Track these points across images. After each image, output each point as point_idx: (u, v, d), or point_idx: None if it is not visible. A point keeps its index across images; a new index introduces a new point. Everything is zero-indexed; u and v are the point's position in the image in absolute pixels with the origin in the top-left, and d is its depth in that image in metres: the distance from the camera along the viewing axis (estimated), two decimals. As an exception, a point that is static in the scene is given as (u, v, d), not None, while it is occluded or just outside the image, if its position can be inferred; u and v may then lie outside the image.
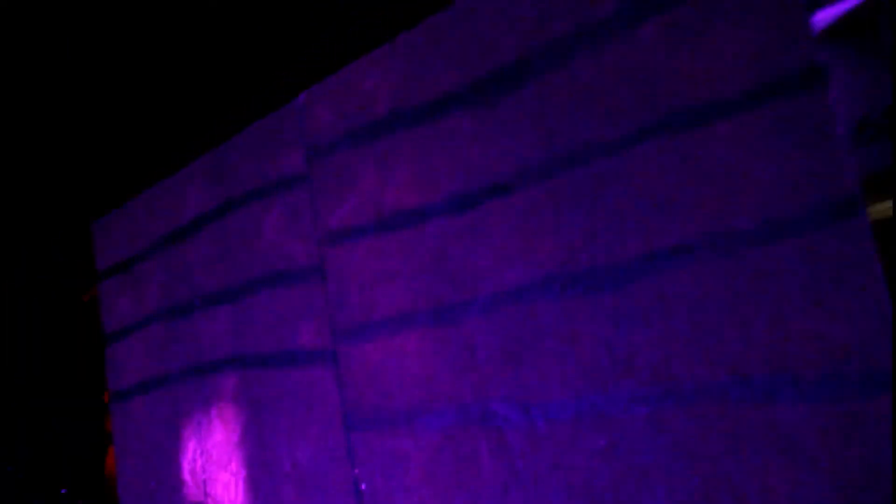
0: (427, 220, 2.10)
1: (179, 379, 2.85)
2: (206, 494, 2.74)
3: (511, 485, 1.93)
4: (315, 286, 2.37)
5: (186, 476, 2.82)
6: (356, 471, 2.25)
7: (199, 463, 2.77)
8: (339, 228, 2.30)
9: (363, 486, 2.23)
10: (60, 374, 3.70)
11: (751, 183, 1.59)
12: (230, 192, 2.65)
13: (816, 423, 1.45)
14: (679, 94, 1.69)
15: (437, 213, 2.08)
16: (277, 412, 2.48)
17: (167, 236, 2.91)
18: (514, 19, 1.96)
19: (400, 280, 2.16)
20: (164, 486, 2.91)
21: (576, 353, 1.82)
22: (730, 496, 1.57)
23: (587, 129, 1.82)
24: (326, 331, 2.34)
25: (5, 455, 3.73)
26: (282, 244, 2.47)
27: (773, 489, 1.48)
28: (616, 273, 1.76)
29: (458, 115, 2.05)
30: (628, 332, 1.74)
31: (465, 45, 2.05)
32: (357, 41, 2.29)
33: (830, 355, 1.46)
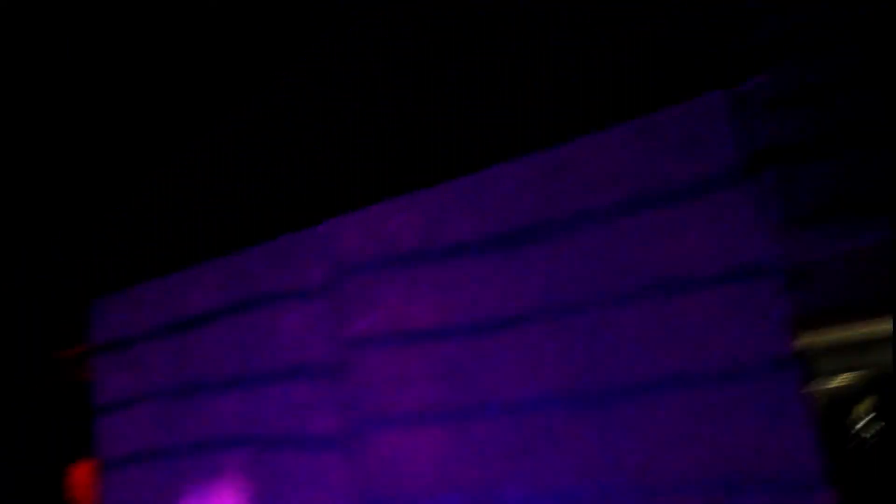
0: (446, 339, 2.64)
1: (181, 452, 3.21)
2: (207, 558, 3.11)
3: (509, 556, 2.48)
4: (333, 382, 2.84)
5: (186, 541, 3.17)
6: (367, 542, 2.72)
7: (200, 530, 3.13)
8: (362, 336, 2.80)
9: (373, 555, 2.71)
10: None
11: (717, 338, 2.25)
12: (246, 294, 3.07)
13: (752, 521, 2.11)
14: (666, 268, 2.34)
15: (455, 334, 2.62)
16: (287, 489, 2.92)
17: (173, 324, 3.27)
18: (527, 195, 2.56)
19: (418, 384, 2.68)
20: (159, 549, 3.24)
21: (574, 453, 2.41)
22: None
23: (589, 285, 2.43)
24: (342, 421, 2.82)
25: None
26: (301, 344, 2.92)
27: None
28: (610, 395, 2.38)
29: (476, 259, 2.62)
30: (618, 439, 2.35)
31: (483, 206, 2.62)
32: (383, 187, 2.81)
33: (772, 463, 2.13)
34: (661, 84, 2.37)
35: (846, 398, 3.48)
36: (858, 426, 3.52)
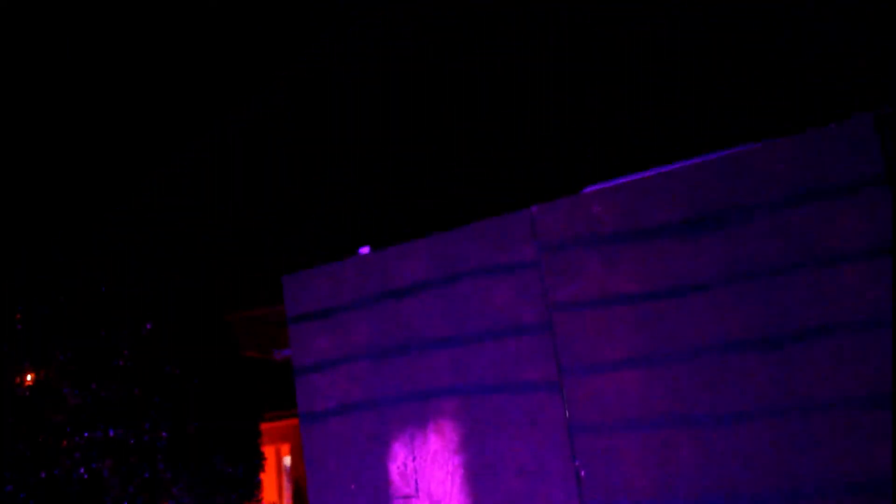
0: (643, 302, 3.53)
1: (389, 403, 3.96)
2: (416, 490, 3.86)
3: (703, 463, 3.38)
4: (542, 338, 3.68)
5: (395, 477, 3.92)
6: (577, 463, 3.57)
7: (410, 466, 3.89)
8: (567, 300, 3.65)
9: (583, 473, 3.55)
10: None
11: (859, 296, 3.22)
12: (457, 268, 3.87)
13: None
14: (818, 246, 3.30)
15: (652, 298, 3.51)
16: (499, 426, 3.73)
17: (380, 294, 4.03)
18: (710, 188, 3.48)
19: (620, 336, 3.55)
20: (367, 486, 3.97)
21: (753, 384, 3.33)
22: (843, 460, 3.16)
23: (761, 259, 3.37)
24: (550, 369, 3.65)
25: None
26: (511, 308, 3.75)
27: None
28: (778, 340, 3.32)
29: (668, 239, 3.52)
30: (785, 373, 3.29)
31: (674, 198, 3.53)
32: (585, 176, 3.67)
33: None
34: (828, 104, 3.36)
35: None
36: None
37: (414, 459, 3.91)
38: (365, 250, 4.54)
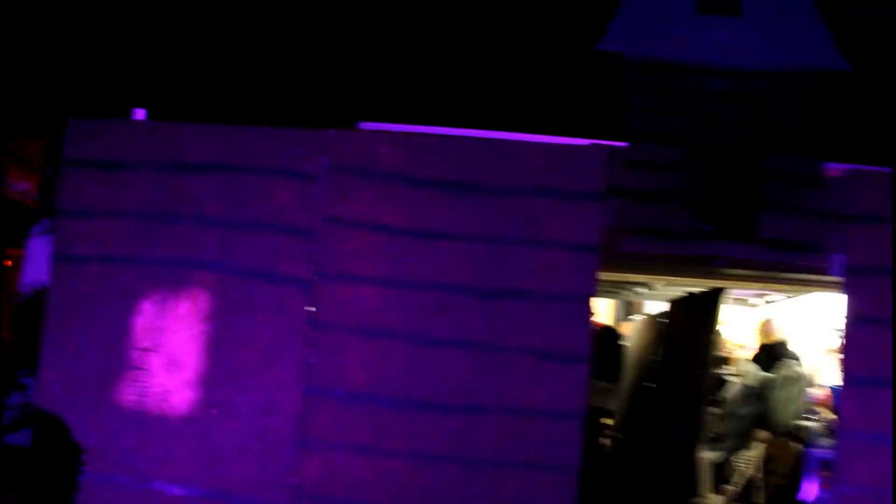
0: (400, 235, 4.32)
1: (151, 263, 4.35)
2: (157, 345, 4.32)
3: (412, 372, 4.28)
4: (307, 242, 4.33)
5: (138, 330, 4.33)
6: (309, 352, 4.29)
7: (156, 324, 4.32)
8: (338, 216, 4.34)
9: (312, 360, 4.29)
10: None
11: (560, 276, 4.30)
12: (250, 161, 4.34)
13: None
14: (543, 232, 4.33)
15: (409, 234, 4.32)
16: (250, 307, 4.33)
17: (170, 163, 4.36)
18: (477, 161, 4.35)
19: (371, 258, 4.32)
20: (106, 333, 4.33)
21: (466, 321, 4.29)
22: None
23: (499, 229, 4.32)
24: (306, 269, 4.31)
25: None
26: (288, 209, 4.34)
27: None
28: (492, 292, 4.30)
29: (434, 191, 4.34)
30: (490, 319, 4.29)
31: (448, 159, 4.35)
32: (373, 115, 4.36)
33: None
34: (579, 126, 4.37)
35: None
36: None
37: (162, 318, 4.36)
38: (140, 114, 4.80)
